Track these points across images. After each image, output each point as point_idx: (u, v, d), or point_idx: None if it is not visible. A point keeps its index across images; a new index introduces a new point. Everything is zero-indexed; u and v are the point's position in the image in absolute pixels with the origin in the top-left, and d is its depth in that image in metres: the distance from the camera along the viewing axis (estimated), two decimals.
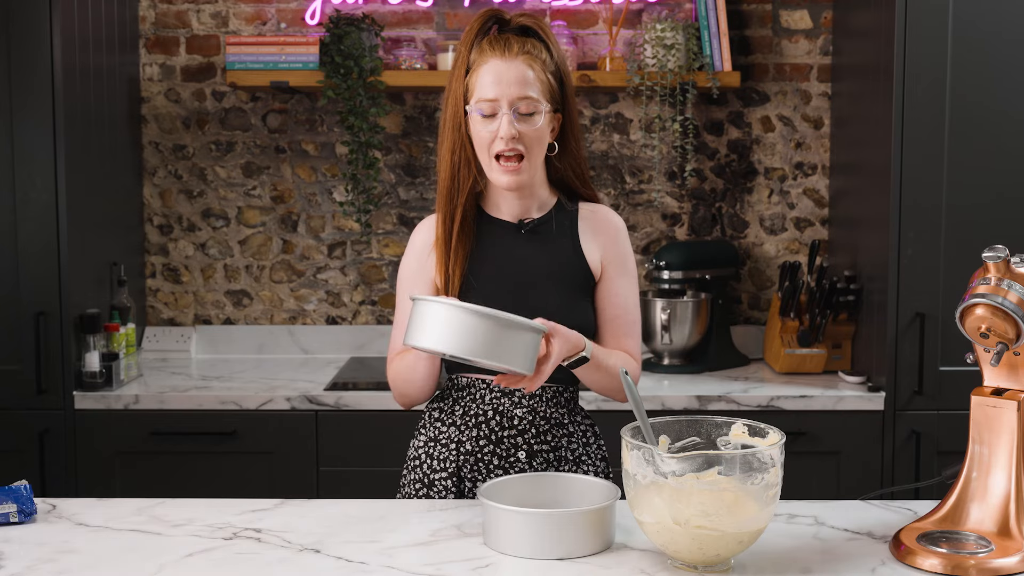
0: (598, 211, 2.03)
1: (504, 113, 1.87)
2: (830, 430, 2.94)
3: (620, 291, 2.00)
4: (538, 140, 1.91)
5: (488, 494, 1.68)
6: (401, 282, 2.02)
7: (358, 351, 3.53)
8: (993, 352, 1.60)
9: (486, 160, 1.92)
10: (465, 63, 1.92)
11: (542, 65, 1.91)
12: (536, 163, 1.93)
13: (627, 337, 2.00)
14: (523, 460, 1.94)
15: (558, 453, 1.96)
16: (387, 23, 3.47)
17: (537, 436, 1.95)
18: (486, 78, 1.88)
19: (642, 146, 3.51)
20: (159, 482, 2.95)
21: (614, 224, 2.02)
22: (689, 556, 1.53)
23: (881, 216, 2.93)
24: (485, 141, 1.90)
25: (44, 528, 1.75)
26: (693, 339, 3.28)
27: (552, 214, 2.00)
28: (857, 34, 3.23)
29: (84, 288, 3.04)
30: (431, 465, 1.98)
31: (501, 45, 1.90)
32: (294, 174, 3.54)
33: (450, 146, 1.94)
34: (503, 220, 1.99)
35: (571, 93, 1.97)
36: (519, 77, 1.88)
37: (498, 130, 1.88)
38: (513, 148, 1.88)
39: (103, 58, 3.18)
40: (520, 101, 1.88)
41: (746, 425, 1.64)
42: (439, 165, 1.97)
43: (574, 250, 1.98)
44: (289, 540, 1.69)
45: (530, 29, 1.95)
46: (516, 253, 1.97)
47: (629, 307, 2.01)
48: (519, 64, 1.88)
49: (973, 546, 1.57)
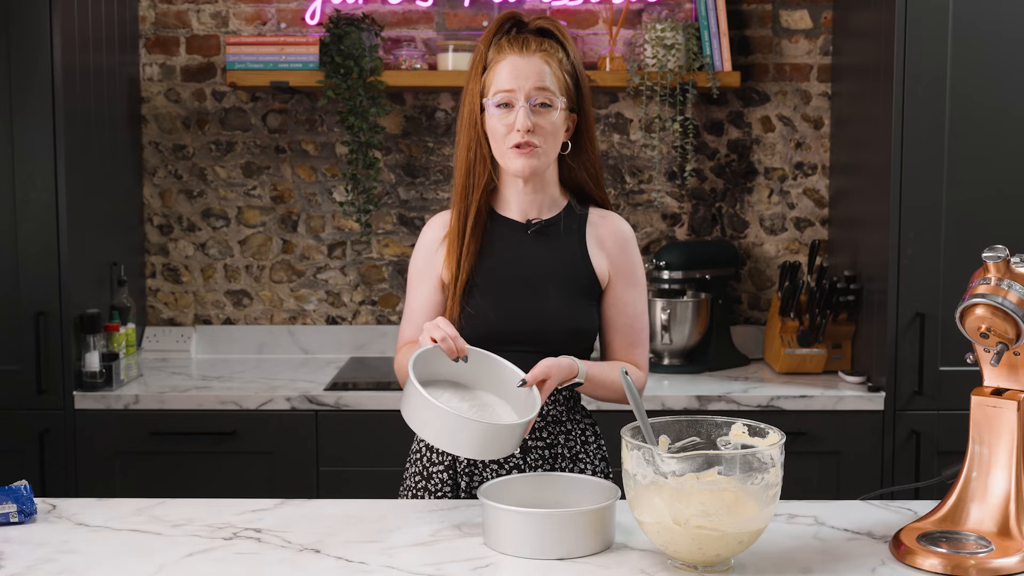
0: (608, 218, 2.03)
1: (521, 105, 1.89)
2: (830, 430, 2.94)
3: (629, 301, 2.00)
4: (553, 134, 1.92)
5: (488, 494, 1.68)
6: (411, 277, 2.05)
7: (358, 351, 3.53)
8: (993, 352, 1.60)
9: (501, 151, 1.93)
10: (483, 61, 1.96)
11: (558, 63, 1.94)
12: (550, 155, 1.94)
13: (635, 348, 2.01)
14: (517, 455, 1.94)
15: (554, 450, 1.97)
16: (387, 23, 3.47)
17: (532, 432, 1.95)
18: (503, 72, 1.91)
19: (642, 146, 3.51)
20: (159, 482, 2.95)
21: (623, 233, 2.02)
22: (689, 556, 1.53)
23: (881, 216, 2.93)
24: (501, 133, 1.92)
25: (44, 528, 1.75)
26: (693, 339, 3.28)
27: (561, 216, 2.01)
28: (857, 34, 3.23)
29: (84, 288, 3.04)
30: (430, 458, 1.99)
31: (519, 43, 1.94)
32: (294, 174, 3.54)
33: (466, 143, 1.97)
34: (511, 219, 2.00)
35: (587, 95, 1.99)
36: (536, 71, 1.91)
37: (514, 122, 1.89)
38: (528, 140, 1.90)
39: (103, 58, 3.18)
40: (536, 92, 1.90)
41: (746, 425, 1.64)
42: (455, 163, 2.00)
43: (580, 254, 1.99)
44: (289, 540, 1.69)
45: (547, 31, 1.98)
46: (522, 252, 1.98)
47: (637, 316, 2.01)
48: (536, 59, 1.92)
49: (973, 546, 1.57)
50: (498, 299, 1.95)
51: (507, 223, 2.00)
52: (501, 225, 2.00)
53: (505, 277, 1.96)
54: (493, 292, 1.95)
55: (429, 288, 2.01)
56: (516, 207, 2.00)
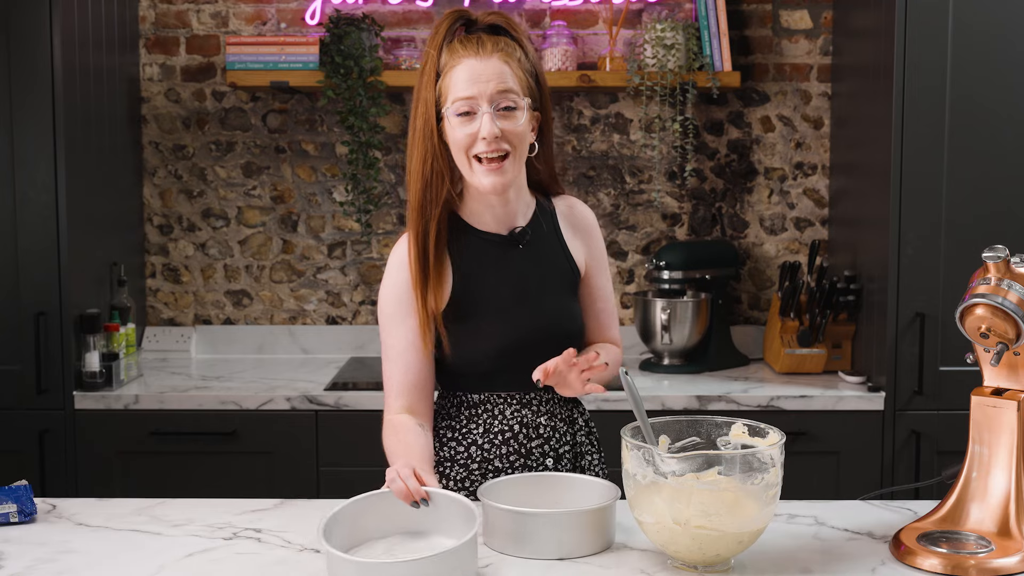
0: (574, 206, 2.01)
1: (484, 111, 1.77)
2: (830, 430, 2.94)
3: (602, 284, 2.01)
4: (521, 138, 1.81)
5: (488, 494, 1.68)
6: (386, 316, 1.88)
7: (358, 351, 3.53)
8: (993, 352, 1.60)
9: (465, 164, 1.81)
10: (435, 68, 1.82)
11: (518, 62, 1.82)
12: (520, 163, 1.85)
13: (610, 328, 2.03)
14: (551, 467, 1.92)
15: (557, 451, 1.96)
16: (387, 23, 3.47)
17: (559, 440, 1.94)
18: (461, 76, 1.78)
19: (642, 146, 3.51)
20: (159, 482, 2.95)
21: (590, 219, 2.02)
22: (689, 556, 1.53)
23: (881, 216, 2.93)
24: (463, 144, 1.79)
25: (44, 528, 1.75)
26: (693, 339, 3.28)
27: (537, 216, 1.95)
28: (857, 34, 3.23)
29: (84, 288, 3.04)
30: (446, 485, 1.91)
31: (474, 44, 1.80)
32: (294, 174, 3.54)
33: (421, 156, 1.82)
34: (494, 234, 1.90)
35: (546, 91, 1.89)
36: (497, 73, 1.78)
37: (479, 130, 1.77)
38: (497, 148, 1.78)
39: (103, 58, 3.18)
40: (500, 96, 1.78)
41: (746, 425, 1.64)
42: (408, 179, 1.85)
43: (562, 252, 1.96)
44: (289, 540, 1.69)
45: (500, 28, 1.85)
46: (510, 267, 1.90)
47: (609, 297, 2.03)
48: (495, 61, 1.78)
49: (973, 546, 1.57)
50: (498, 319, 1.88)
51: (488, 238, 1.89)
52: (480, 240, 1.89)
53: (500, 295, 1.88)
54: (491, 313, 1.87)
55: (410, 323, 1.86)
56: (492, 219, 1.89)
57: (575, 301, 1.97)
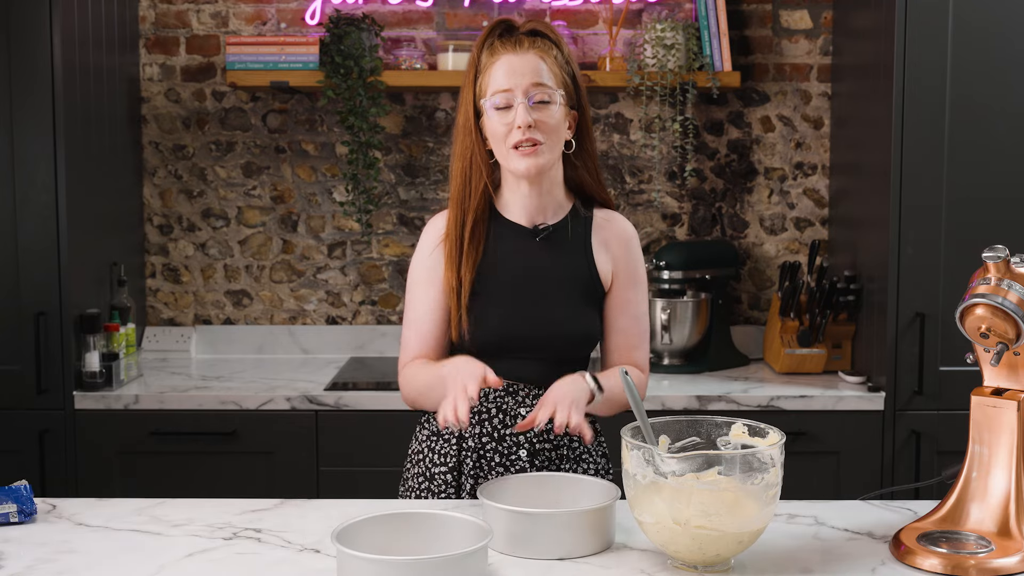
0: (613, 220, 2.03)
1: (519, 102, 1.87)
2: (830, 430, 2.94)
3: (631, 300, 2.00)
4: (555, 129, 1.91)
5: (488, 494, 1.68)
6: (413, 281, 2.00)
7: (358, 351, 3.53)
8: (993, 352, 1.60)
9: (503, 153, 1.91)
10: (475, 67, 1.94)
11: (554, 59, 1.93)
12: (555, 152, 1.93)
13: (636, 349, 2.01)
14: (524, 458, 1.94)
15: (559, 452, 1.97)
16: (387, 23, 3.47)
17: (539, 435, 1.95)
18: (499, 72, 1.90)
19: (642, 146, 3.51)
20: (159, 482, 2.95)
21: (627, 235, 2.02)
22: (689, 556, 1.53)
23: (881, 216, 2.93)
24: (501, 134, 1.90)
25: (44, 528, 1.74)
26: (693, 339, 3.28)
27: (567, 220, 1.99)
28: (857, 34, 3.23)
29: (84, 288, 3.04)
30: (432, 459, 1.98)
31: (512, 42, 1.92)
32: (294, 174, 3.54)
33: (461, 150, 1.95)
34: (517, 224, 1.98)
35: (584, 93, 1.99)
36: (532, 67, 1.89)
37: (514, 120, 1.87)
38: (530, 137, 1.87)
39: (103, 58, 3.18)
40: (534, 88, 1.88)
41: (746, 425, 1.64)
42: (451, 169, 1.98)
43: (586, 259, 1.98)
44: (289, 540, 1.69)
45: (540, 32, 1.97)
46: (528, 259, 1.96)
47: (639, 317, 2.01)
48: (531, 56, 1.90)
49: (973, 546, 1.57)
50: (504, 306, 1.94)
51: (512, 227, 1.98)
52: (506, 229, 1.98)
53: (511, 284, 1.95)
54: (499, 299, 1.94)
55: (432, 293, 1.97)
56: (521, 210, 1.98)
57: (590, 308, 1.98)
